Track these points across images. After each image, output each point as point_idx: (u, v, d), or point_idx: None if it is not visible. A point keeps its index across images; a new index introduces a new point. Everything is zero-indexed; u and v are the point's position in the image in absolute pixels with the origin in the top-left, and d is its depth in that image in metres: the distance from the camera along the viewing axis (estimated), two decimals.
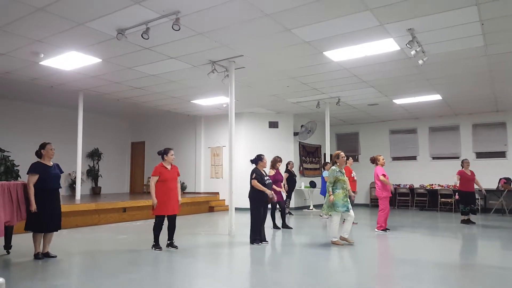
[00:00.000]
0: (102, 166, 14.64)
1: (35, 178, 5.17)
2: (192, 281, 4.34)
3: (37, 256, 5.25)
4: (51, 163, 5.45)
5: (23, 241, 5.97)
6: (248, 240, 6.48)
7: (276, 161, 8.26)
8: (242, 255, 5.89)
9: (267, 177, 6.55)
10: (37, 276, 4.49)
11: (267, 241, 6.54)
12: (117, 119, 15.48)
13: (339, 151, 6.66)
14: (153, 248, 5.87)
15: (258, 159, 6.59)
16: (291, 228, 8.35)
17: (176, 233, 6.14)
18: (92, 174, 14.28)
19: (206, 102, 11.36)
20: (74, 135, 10.68)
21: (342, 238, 6.40)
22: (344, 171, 6.57)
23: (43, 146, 5.43)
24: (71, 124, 11.31)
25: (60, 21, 5.57)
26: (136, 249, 6.04)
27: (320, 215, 10.76)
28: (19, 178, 11.11)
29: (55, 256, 5.36)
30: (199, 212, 11.99)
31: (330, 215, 6.55)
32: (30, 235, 5.40)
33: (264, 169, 6.63)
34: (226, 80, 7.84)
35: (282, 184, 8.46)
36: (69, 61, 7.44)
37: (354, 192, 8.45)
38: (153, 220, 5.97)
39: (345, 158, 6.68)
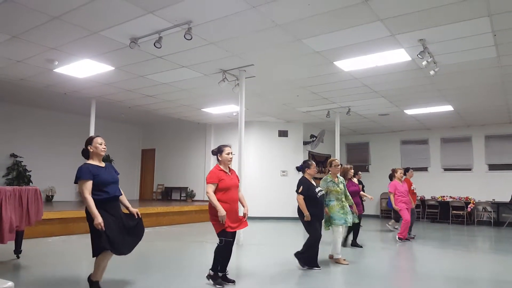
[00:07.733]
0: None
1: (89, 184, 3.65)
2: None
3: (93, 285, 3.85)
4: (103, 163, 3.94)
5: (33, 246, 6.03)
6: (256, 248, 6.34)
7: (347, 170, 7.09)
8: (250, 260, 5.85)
9: (319, 188, 5.35)
10: (45, 281, 4.51)
11: (319, 267, 5.19)
12: (128, 126, 15.63)
13: (333, 159, 5.86)
14: (211, 280, 4.29)
15: (304, 166, 5.34)
16: (361, 246, 7.13)
17: (183, 241, 5.90)
18: None
19: (216, 110, 11.42)
20: None
21: (330, 256, 5.78)
22: (339, 181, 5.72)
23: (89, 141, 3.89)
24: (83, 130, 11.44)
25: (75, 29, 5.68)
26: (144, 256, 6.05)
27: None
28: (30, 183, 11.29)
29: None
30: (208, 220, 11.91)
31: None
32: (37, 240, 5.12)
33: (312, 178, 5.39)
34: (237, 89, 7.89)
35: (361, 193, 7.65)
36: (83, 68, 7.56)
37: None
38: (161, 227, 5.63)
39: (339, 166, 5.84)
